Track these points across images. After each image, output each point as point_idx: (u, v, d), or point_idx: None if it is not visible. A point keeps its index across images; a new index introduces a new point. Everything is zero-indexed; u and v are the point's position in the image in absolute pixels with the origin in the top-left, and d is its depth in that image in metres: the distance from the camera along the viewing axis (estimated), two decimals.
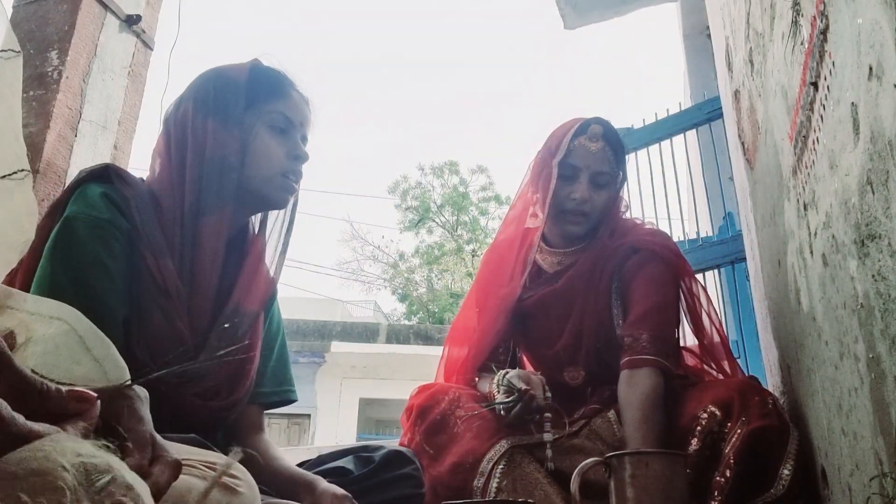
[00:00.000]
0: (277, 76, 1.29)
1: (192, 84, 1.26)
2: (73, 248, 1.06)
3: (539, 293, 1.70)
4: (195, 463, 0.69)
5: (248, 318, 1.22)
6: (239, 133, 1.21)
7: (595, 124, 1.65)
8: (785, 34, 1.06)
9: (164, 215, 1.16)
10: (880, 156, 0.69)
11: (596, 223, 1.67)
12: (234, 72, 1.25)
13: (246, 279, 1.23)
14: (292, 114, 1.26)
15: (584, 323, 1.63)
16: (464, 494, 1.40)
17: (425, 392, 1.62)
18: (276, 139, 1.23)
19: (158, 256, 1.12)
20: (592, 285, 1.64)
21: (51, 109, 2.64)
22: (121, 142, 2.94)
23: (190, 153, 1.18)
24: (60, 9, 2.80)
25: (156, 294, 1.11)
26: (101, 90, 2.88)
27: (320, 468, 1.30)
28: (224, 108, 1.21)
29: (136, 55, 3.08)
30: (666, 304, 1.57)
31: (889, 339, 0.72)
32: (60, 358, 0.69)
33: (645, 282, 1.58)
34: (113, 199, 1.11)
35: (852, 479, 0.95)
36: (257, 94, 1.24)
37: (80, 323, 0.74)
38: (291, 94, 1.28)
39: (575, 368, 1.65)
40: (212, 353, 1.14)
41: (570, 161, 1.63)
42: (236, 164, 1.19)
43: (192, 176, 1.17)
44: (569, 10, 4.60)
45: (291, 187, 1.26)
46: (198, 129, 1.19)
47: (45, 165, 2.58)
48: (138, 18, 3.07)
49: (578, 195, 1.62)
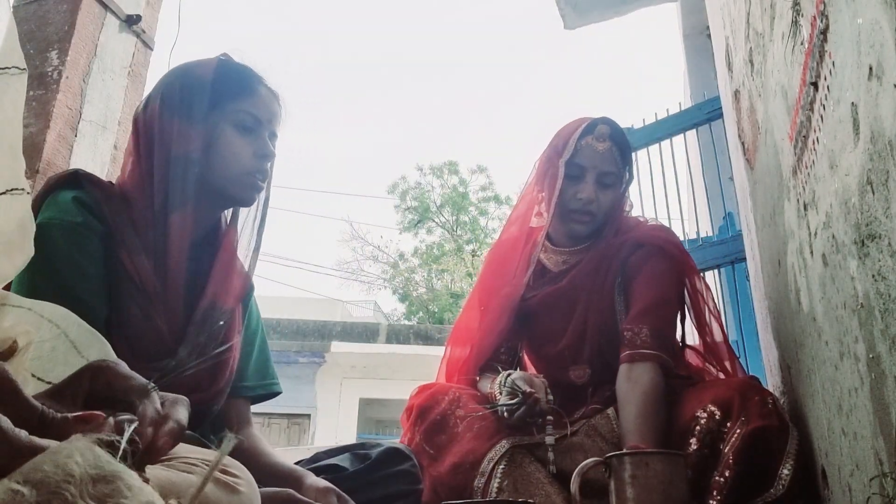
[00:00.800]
0: (244, 73, 1.28)
1: (160, 82, 1.27)
2: (48, 254, 1.06)
3: (543, 292, 1.70)
4: (195, 461, 0.69)
5: (225, 313, 1.23)
6: (204, 131, 1.21)
7: (602, 124, 1.65)
8: (785, 34, 1.06)
9: (136, 215, 1.17)
10: (880, 156, 0.69)
11: (601, 223, 1.67)
12: (200, 69, 1.25)
13: (219, 274, 1.24)
14: (259, 111, 1.25)
15: (589, 321, 1.63)
16: (464, 494, 1.40)
17: (425, 392, 1.61)
18: (242, 138, 1.23)
19: (134, 256, 1.14)
20: (597, 283, 1.64)
21: (51, 109, 2.64)
22: (121, 142, 2.94)
23: (157, 152, 1.19)
24: (60, 9, 2.80)
25: (134, 293, 1.12)
26: (101, 90, 2.88)
27: (315, 465, 1.31)
28: (189, 107, 1.21)
29: (136, 55, 3.08)
30: (668, 300, 1.57)
31: (889, 339, 0.72)
32: (54, 362, 0.70)
33: (647, 277, 1.58)
34: (84, 203, 1.12)
35: (852, 479, 0.95)
36: (223, 92, 1.24)
37: (71, 327, 0.75)
38: (259, 90, 1.27)
39: (580, 367, 1.64)
40: (191, 347, 1.16)
41: (576, 161, 1.63)
42: (199, 161, 1.20)
43: (160, 175, 1.18)
44: (569, 10, 4.60)
45: (257, 185, 1.26)
46: (164, 128, 1.20)
47: (44, 165, 2.58)
48: (138, 18, 3.07)
49: (585, 195, 1.62)
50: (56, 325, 0.73)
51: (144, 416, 0.51)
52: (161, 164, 1.18)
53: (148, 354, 1.12)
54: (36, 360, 0.66)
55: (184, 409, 0.55)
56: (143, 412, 0.51)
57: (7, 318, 0.69)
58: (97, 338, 0.77)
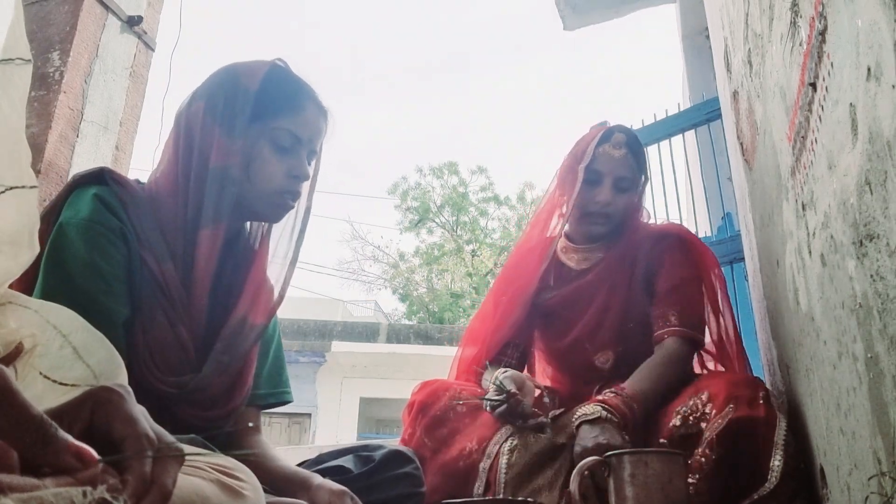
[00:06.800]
0: (291, 87, 1.24)
1: (207, 81, 1.23)
2: (64, 253, 1.04)
3: (567, 289, 1.76)
4: (202, 464, 0.69)
5: (255, 332, 1.21)
6: (243, 144, 1.18)
7: (619, 133, 1.75)
8: (783, 35, 1.06)
9: (165, 220, 1.15)
10: (878, 156, 0.69)
11: (618, 224, 1.75)
12: (248, 78, 1.20)
13: (251, 290, 1.21)
14: (301, 130, 1.21)
15: (611, 308, 1.70)
16: (469, 479, 1.44)
17: (427, 388, 1.65)
18: (277, 157, 1.20)
19: (160, 261, 1.11)
20: (621, 274, 1.72)
21: (52, 110, 2.65)
22: (122, 142, 2.95)
23: (195, 159, 1.17)
24: (62, 10, 2.81)
25: (159, 296, 1.10)
26: (103, 91, 2.89)
27: (319, 467, 1.31)
28: (232, 117, 1.18)
29: (137, 56, 3.08)
30: (692, 280, 1.67)
31: (887, 338, 0.72)
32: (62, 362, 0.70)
33: (671, 263, 1.68)
34: (106, 202, 1.09)
35: (851, 479, 0.96)
36: (267, 105, 1.20)
37: (76, 331, 0.74)
38: (305, 106, 1.23)
39: (604, 352, 1.70)
40: (214, 364, 1.13)
41: (594, 167, 1.72)
42: (238, 179, 1.17)
43: (195, 184, 1.15)
44: (568, 11, 4.61)
45: (287, 205, 1.23)
46: (205, 134, 1.17)
47: (46, 166, 2.59)
48: (140, 19, 3.07)
49: (602, 198, 1.71)
50: (59, 331, 0.73)
51: (127, 483, 0.47)
52: (198, 174, 1.16)
53: (168, 365, 1.09)
54: (44, 357, 0.66)
55: (175, 468, 0.51)
56: (127, 478, 0.48)
57: (13, 317, 0.68)
58: (104, 344, 0.76)
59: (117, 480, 0.46)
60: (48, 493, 0.40)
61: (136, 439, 0.49)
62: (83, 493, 0.42)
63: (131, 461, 0.48)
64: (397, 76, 43.34)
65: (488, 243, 18.96)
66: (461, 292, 17.93)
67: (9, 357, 0.64)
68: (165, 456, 0.51)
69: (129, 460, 0.48)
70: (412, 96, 44.76)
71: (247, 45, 47.63)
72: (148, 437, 0.50)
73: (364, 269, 19.79)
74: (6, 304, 0.71)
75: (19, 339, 0.65)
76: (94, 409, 0.50)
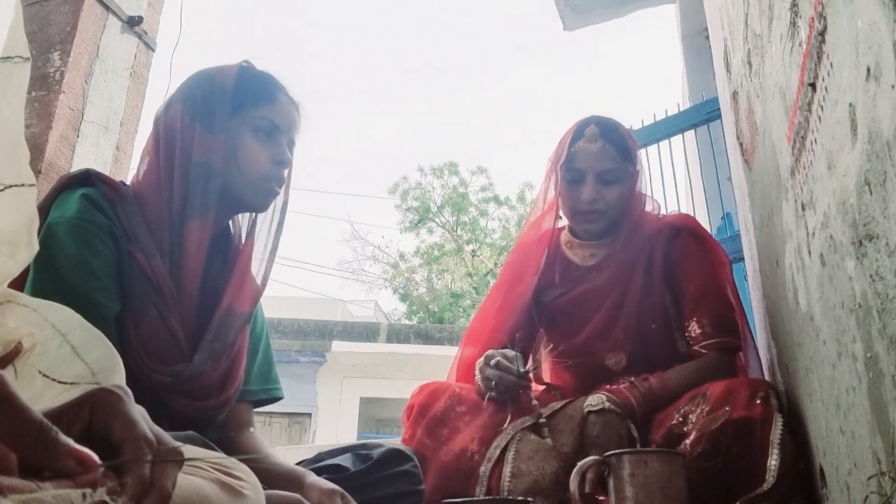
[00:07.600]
0: (265, 80, 1.30)
1: (182, 86, 1.28)
2: (54, 252, 1.06)
3: (576, 290, 1.72)
4: (201, 463, 0.69)
5: (241, 320, 1.24)
6: (224, 138, 1.22)
7: (591, 126, 1.69)
8: (783, 35, 1.06)
9: (151, 217, 1.18)
10: (878, 156, 0.69)
11: (614, 217, 1.70)
12: (222, 76, 1.26)
13: (236, 281, 1.25)
14: (278, 118, 1.27)
15: (625, 309, 1.66)
16: (468, 481, 1.43)
17: (426, 390, 1.64)
18: (260, 144, 1.24)
19: (149, 256, 1.14)
20: (637, 270, 1.67)
21: (53, 110, 2.65)
22: (123, 142, 2.95)
23: (178, 156, 1.20)
24: (62, 10, 2.81)
25: (150, 292, 1.13)
26: (103, 91, 2.89)
27: (317, 465, 1.31)
28: (211, 113, 1.22)
29: (137, 56, 3.08)
30: (717, 281, 1.63)
31: (887, 338, 0.72)
32: (61, 361, 0.70)
33: (693, 265, 1.64)
34: (94, 200, 1.12)
35: (850, 478, 0.96)
36: (244, 98, 1.25)
37: (74, 330, 0.74)
38: (279, 97, 1.28)
39: (616, 354, 1.66)
40: (206, 353, 1.17)
41: (574, 165, 1.67)
42: (221, 170, 1.21)
43: (179, 179, 1.19)
44: (568, 11, 4.61)
45: (273, 191, 1.27)
46: (186, 132, 1.21)
47: (46, 166, 2.59)
48: (140, 20, 3.07)
49: (586, 195, 1.66)
50: (58, 330, 0.73)
51: (126, 485, 0.47)
52: (181, 169, 1.19)
53: (161, 356, 1.12)
54: (43, 356, 0.66)
55: (175, 470, 0.51)
56: (126, 481, 0.47)
57: (12, 316, 0.69)
58: (101, 341, 0.76)
59: (116, 483, 0.45)
60: (47, 495, 0.40)
61: (135, 441, 0.49)
62: (82, 495, 0.41)
63: (131, 459, 0.48)
64: (397, 76, 43.37)
65: (488, 243, 18.96)
66: (461, 292, 17.93)
67: (8, 356, 0.64)
68: (165, 460, 0.50)
69: (129, 455, 0.48)
70: (412, 96, 44.83)
71: (247, 46, 47.73)
72: (147, 440, 0.49)
73: (364, 268, 19.82)
74: (5, 303, 0.71)
75: (18, 338, 0.65)
76: (94, 411, 0.49)
